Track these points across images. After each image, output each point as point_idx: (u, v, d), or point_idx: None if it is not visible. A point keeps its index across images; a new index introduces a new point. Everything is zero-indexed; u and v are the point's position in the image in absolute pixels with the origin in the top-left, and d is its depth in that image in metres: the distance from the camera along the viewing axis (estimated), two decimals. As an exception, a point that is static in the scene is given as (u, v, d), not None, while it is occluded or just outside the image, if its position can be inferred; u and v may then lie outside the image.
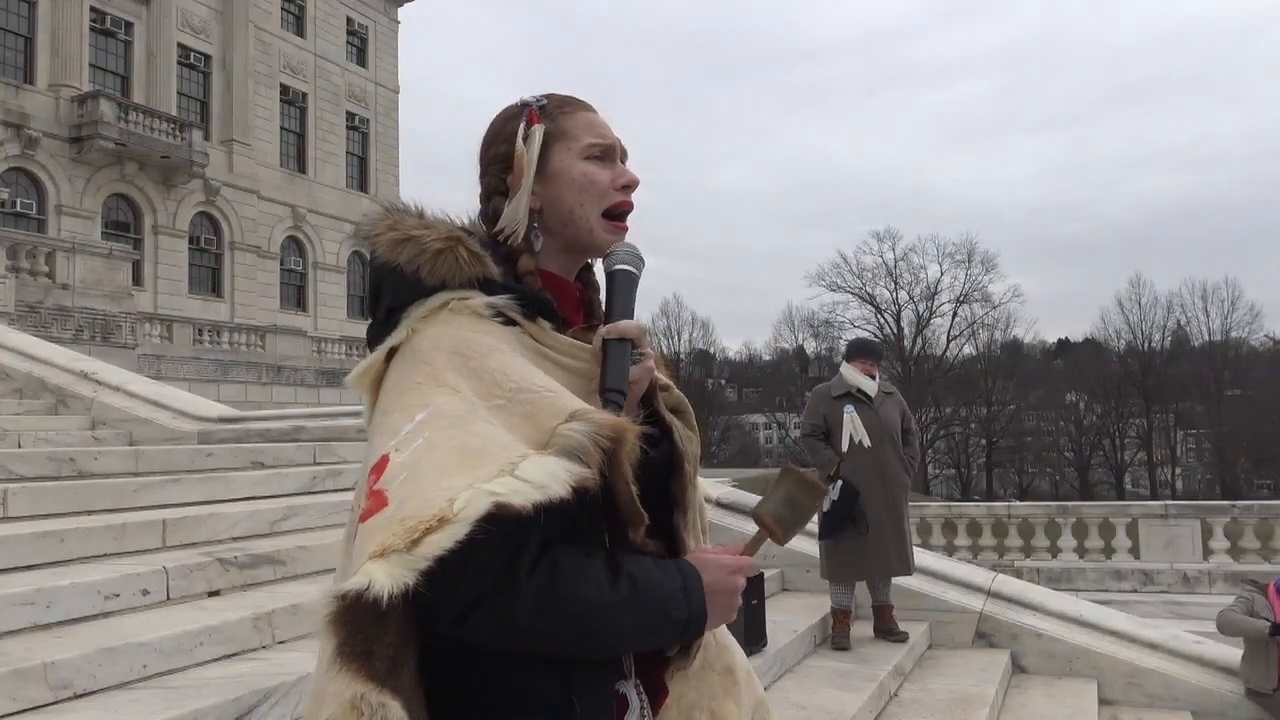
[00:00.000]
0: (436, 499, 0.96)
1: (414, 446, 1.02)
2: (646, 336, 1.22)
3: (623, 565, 1.08)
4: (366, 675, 0.94)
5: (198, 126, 28.65)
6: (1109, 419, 51.62)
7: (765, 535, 1.22)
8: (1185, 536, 12.19)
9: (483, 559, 0.96)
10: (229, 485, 5.39)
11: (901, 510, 5.40)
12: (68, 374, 7.94)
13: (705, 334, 60.09)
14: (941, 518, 13.56)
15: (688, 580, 1.11)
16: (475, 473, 0.98)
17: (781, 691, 4.44)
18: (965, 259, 51.41)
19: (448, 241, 1.17)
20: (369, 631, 0.95)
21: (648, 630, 1.08)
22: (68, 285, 15.78)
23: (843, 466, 5.25)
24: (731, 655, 1.35)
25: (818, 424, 5.46)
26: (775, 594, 5.86)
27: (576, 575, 1.04)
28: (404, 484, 0.99)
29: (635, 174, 1.29)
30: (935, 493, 46.49)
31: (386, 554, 0.94)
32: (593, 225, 1.26)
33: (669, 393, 1.31)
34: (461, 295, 1.16)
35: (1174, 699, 5.27)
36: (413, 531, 0.94)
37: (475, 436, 1.03)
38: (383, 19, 36.83)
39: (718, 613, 1.13)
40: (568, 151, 1.25)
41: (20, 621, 3.18)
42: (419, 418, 1.05)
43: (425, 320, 1.15)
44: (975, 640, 5.73)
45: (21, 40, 25.30)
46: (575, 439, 1.03)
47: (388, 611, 0.93)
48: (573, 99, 1.31)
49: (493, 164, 1.28)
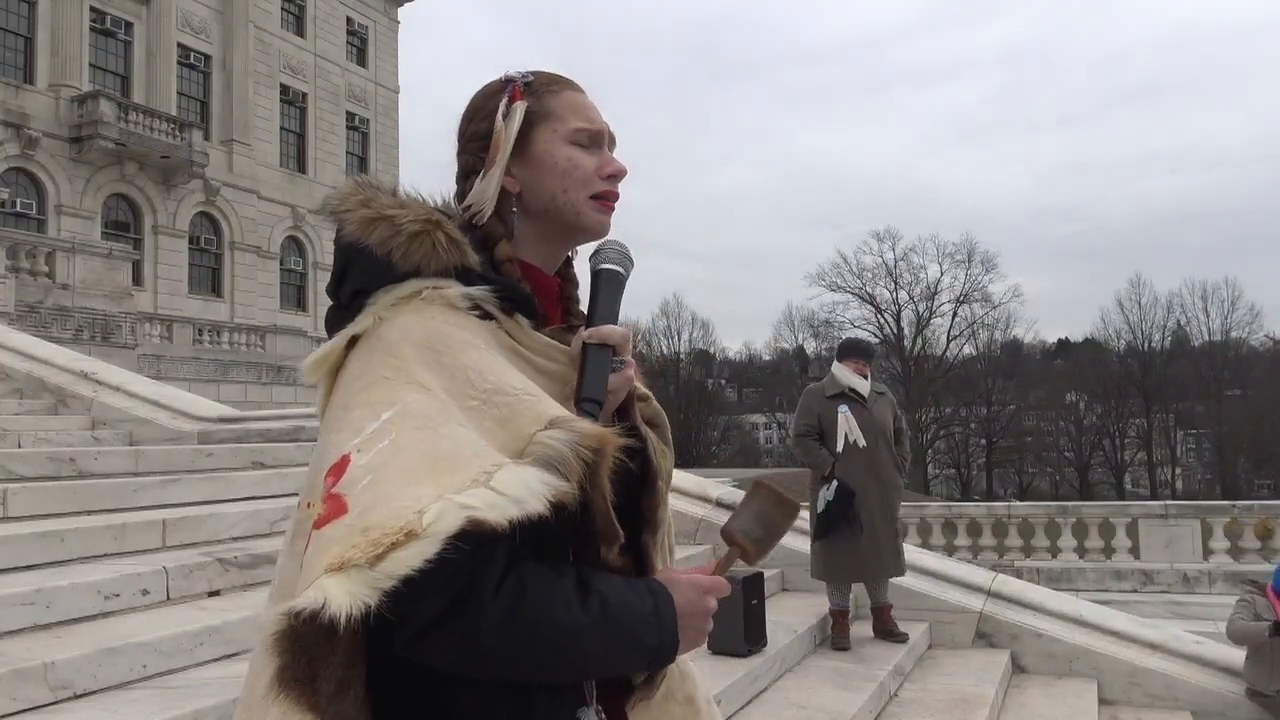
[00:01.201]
0: (403, 509, 0.88)
1: (379, 448, 0.93)
2: (629, 344, 1.14)
3: (592, 584, 0.99)
4: (308, 705, 0.87)
5: (198, 126, 28.65)
6: (1109, 419, 51.66)
7: (737, 554, 1.14)
8: (1185, 536, 12.18)
9: (449, 576, 0.88)
10: (229, 485, 5.39)
11: (895, 511, 5.40)
12: (68, 374, 7.93)
13: (705, 334, 60.26)
14: (941, 518, 13.54)
15: (659, 603, 1.03)
16: (445, 481, 0.90)
17: (781, 691, 4.44)
18: (965, 259, 51.54)
19: (425, 224, 1.08)
20: (315, 653, 0.86)
21: (617, 655, 0.99)
22: (68, 285, 15.78)
23: (837, 467, 5.25)
24: (693, 685, 1.25)
25: (811, 424, 5.42)
26: (775, 594, 5.86)
27: (545, 595, 0.95)
28: (367, 489, 0.90)
29: (623, 163, 1.20)
30: (935, 493, 46.49)
31: (345, 568, 0.85)
32: (580, 207, 1.17)
33: (646, 403, 1.22)
34: (436, 284, 1.07)
35: (1174, 699, 5.26)
36: (376, 545, 0.85)
37: (446, 440, 0.94)
38: (383, 19, 36.83)
39: (689, 638, 1.05)
40: (552, 134, 1.17)
41: (20, 621, 3.18)
42: (385, 416, 0.96)
43: (394, 308, 1.05)
44: (975, 640, 5.73)
45: (21, 40, 25.29)
46: (555, 449, 0.95)
47: (339, 632, 0.84)
48: (560, 77, 1.22)
49: (471, 141, 1.18)
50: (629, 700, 1.13)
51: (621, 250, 1.20)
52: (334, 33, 34.67)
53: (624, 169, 1.20)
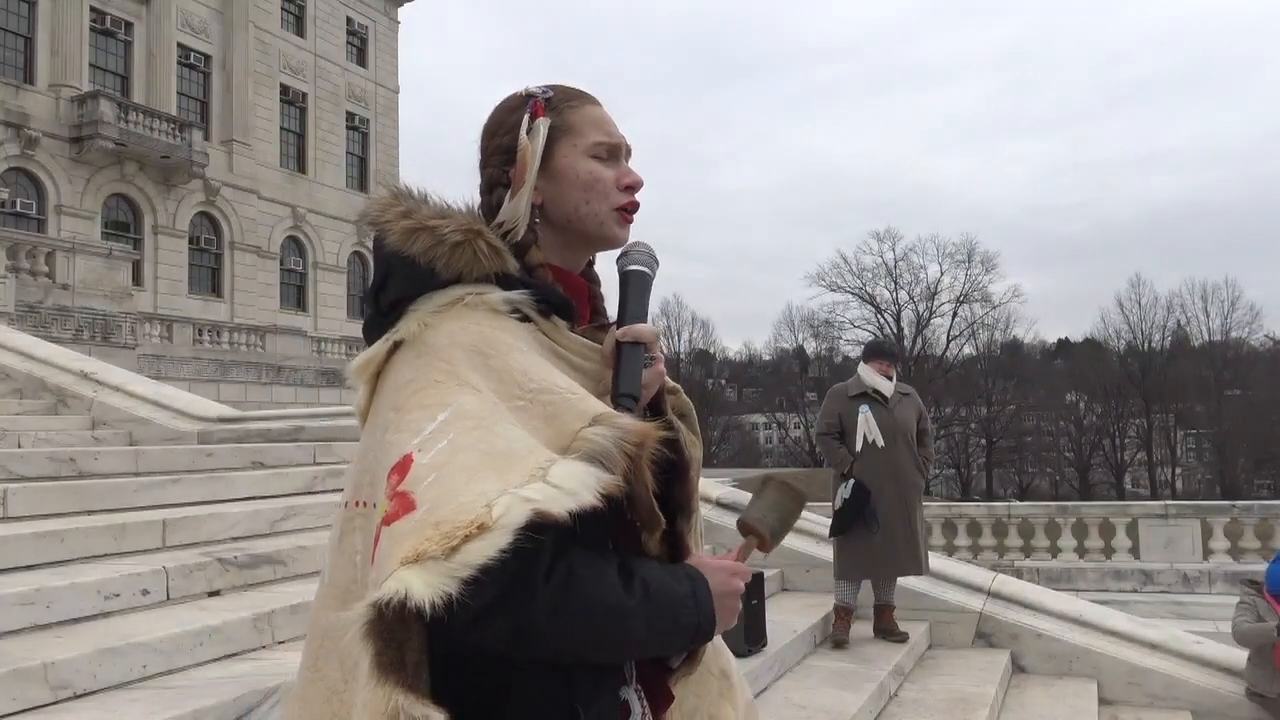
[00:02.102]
0: (471, 504, 0.93)
1: (439, 447, 0.99)
2: (659, 341, 1.19)
3: (634, 570, 1.06)
4: (405, 686, 0.92)
5: (198, 126, 28.65)
6: (1109, 419, 51.62)
7: (754, 543, 1.22)
8: (1185, 536, 12.17)
9: (514, 565, 0.93)
10: (229, 485, 5.39)
11: (914, 510, 5.41)
12: (68, 374, 7.93)
13: (705, 334, 60.23)
14: (941, 518, 13.54)
15: (696, 585, 1.10)
16: (506, 477, 0.96)
17: (781, 691, 4.44)
18: (965, 259, 51.43)
19: (467, 234, 1.13)
20: (402, 639, 0.92)
21: (660, 635, 1.06)
22: (68, 285, 15.77)
23: (856, 466, 5.30)
24: (726, 659, 1.34)
25: (833, 423, 5.53)
26: (775, 594, 5.87)
27: (593, 580, 1.01)
28: (432, 486, 0.96)
29: (640, 174, 1.25)
30: (935, 493, 46.45)
31: (422, 560, 0.90)
32: (603, 219, 1.22)
33: (676, 396, 1.28)
34: (477, 290, 1.12)
35: (1174, 699, 5.27)
36: (449, 538, 0.91)
37: (501, 438, 1.00)
38: (383, 19, 36.83)
39: (724, 617, 1.12)
40: (573, 148, 1.21)
41: (20, 621, 3.18)
42: (441, 417, 1.01)
43: (438, 314, 1.11)
44: (975, 640, 5.74)
45: (21, 40, 25.29)
46: (601, 444, 1.01)
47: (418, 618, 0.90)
48: (579, 92, 1.26)
49: (495, 155, 1.23)
50: (671, 676, 1.20)
51: (648, 251, 1.25)
52: (334, 33, 34.67)
53: (641, 180, 1.25)
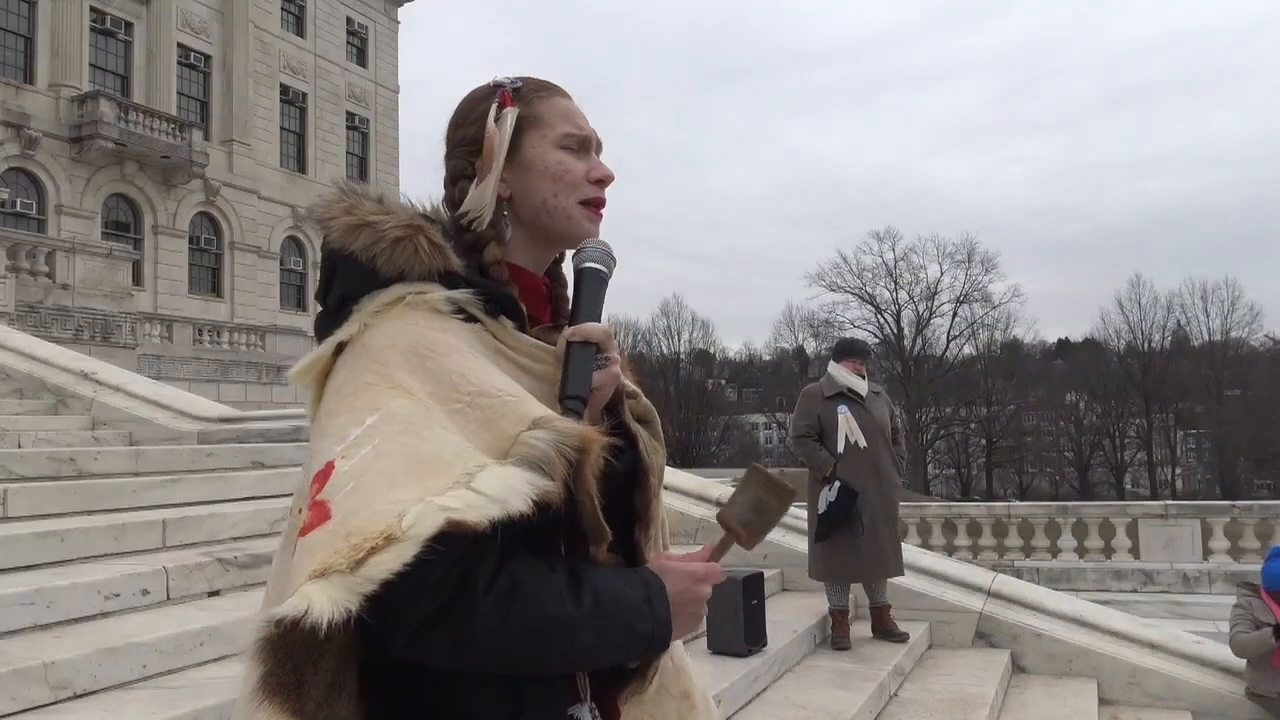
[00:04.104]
0: (384, 513, 0.88)
1: (362, 454, 0.94)
2: (613, 340, 1.14)
3: (584, 577, 1.01)
4: (293, 710, 0.86)
5: (198, 126, 28.65)
6: (1109, 419, 51.65)
7: (732, 540, 1.14)
8: (1185, 536, 12.18)
9: (436, 577, 0.89)
10: (229, 485, 5.39)
11: (895, 510, 5.41)
12: (68, 374, 7.94)
13: (705, 334, 60.21)
14: (941, 518, 13.54)
15: (651, 590, 1.04)
16: (428, 484, 0.91)
17: (781, 691, 4.44)
18: (965, 259, 51.40)
19: (407, 230, 1.08)
20: (301, 659, 0.86)
21: (611, 645, 1.01)
22: (68, 285, 15.78)
23: (839, 468, 5.24)
24: (689, 680, 1.26)
25: (811, 425, 5.41)
26: (775, 594, 5.86)
27: (538, 590, 0.96)
28: (349, 495, 0.91)
29: (610, 168, 1.22)
30: (935, 493, 46.46)
31: (327, 574, 0.86)
32: (571, 213, 1.18)
33: (636, 401, 1.23)
34: (419, 289, 1.07)
35: (1174, 699, 5.27)
36: (357, 550, 0.86)
37: (429, 443, 0.95)
38: (383, 19, 36.82)
39: (683, 623, 1.06)
40: (542, 139, 1.18)
41: (20, 621, 3.18)
42: (368, 421, 0.97)
43: (378, 315, 1.06)
44: (975, 640, 5.73)
45: (21, 40, 25.29)
46: (538, 448, 0.96)
47: (327, 637, 0.85)
48: (548, 84, 1.23)
49: (460, 146, 1.20)
50: (620, 694, 1.14)
51: (604, 249, 1.20)
52: (334, 33, 34.67)
53: (611, 174, 1.21)
